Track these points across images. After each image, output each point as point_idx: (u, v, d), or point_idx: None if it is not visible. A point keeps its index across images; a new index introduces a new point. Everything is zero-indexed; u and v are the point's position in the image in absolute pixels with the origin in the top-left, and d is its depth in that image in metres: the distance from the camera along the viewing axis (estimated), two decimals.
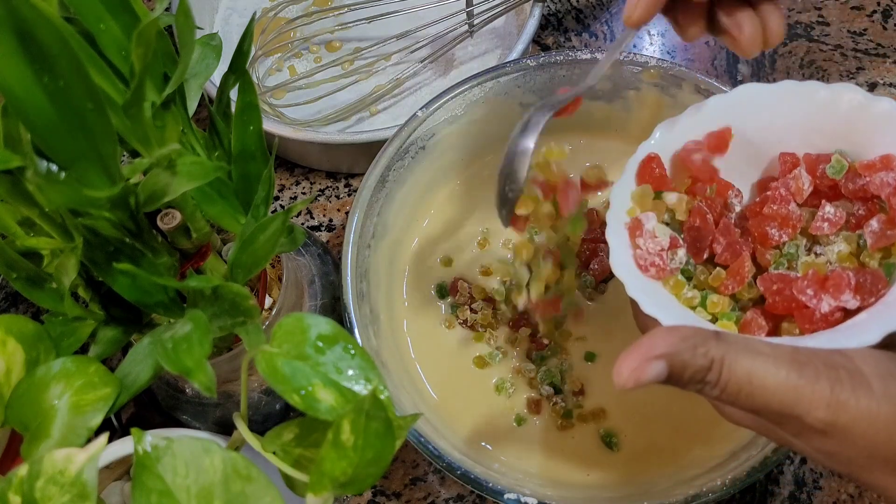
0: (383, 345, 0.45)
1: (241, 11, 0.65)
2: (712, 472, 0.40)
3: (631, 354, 0.27)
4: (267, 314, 0.41)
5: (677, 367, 0.27)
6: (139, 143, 0.29)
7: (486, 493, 0.39)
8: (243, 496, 0.26)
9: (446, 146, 0.50)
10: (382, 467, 0.26)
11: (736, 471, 0.39)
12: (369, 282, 0.46)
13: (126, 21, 0.29)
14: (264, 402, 0.45)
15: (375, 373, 0.28)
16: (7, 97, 0.24)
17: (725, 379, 0.27)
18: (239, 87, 0.35)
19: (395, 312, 0.49)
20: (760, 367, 0.26)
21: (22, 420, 0.29)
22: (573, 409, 0.46)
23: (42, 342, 0.31)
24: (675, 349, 0.27)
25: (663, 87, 0.48)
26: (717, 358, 0.27)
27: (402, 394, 0.43)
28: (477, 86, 0.48)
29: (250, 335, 0.30)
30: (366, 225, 0.46)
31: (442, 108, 0.48)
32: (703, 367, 0.27)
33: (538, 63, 0.48)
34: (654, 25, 0.64)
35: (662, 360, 0.27)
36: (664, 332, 0.27)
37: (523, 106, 0.51)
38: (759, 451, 0.39)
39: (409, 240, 0.51)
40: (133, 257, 0.32)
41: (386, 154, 0.47)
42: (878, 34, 0.62)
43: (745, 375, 0.27)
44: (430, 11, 0.57)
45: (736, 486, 0.38)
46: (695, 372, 0.27)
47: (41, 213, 0.30)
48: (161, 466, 0.26)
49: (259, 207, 0.35)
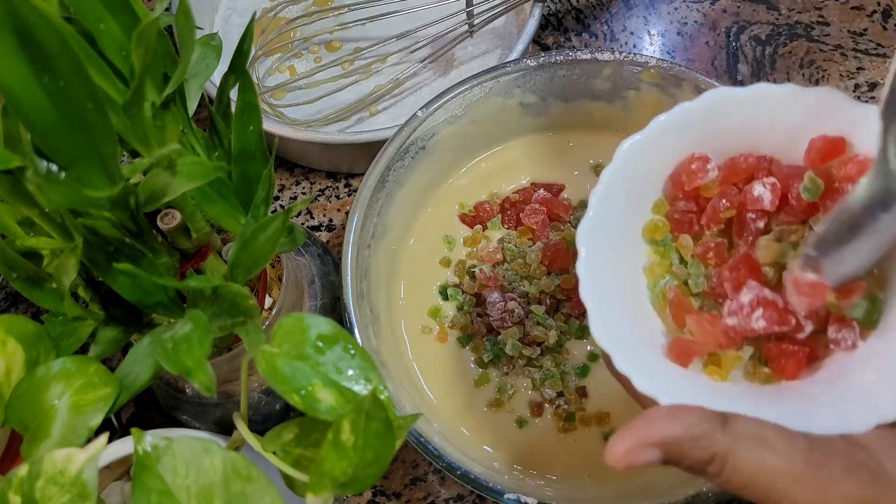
0: (383, 345, 0.45)
1: (241, 11, 0.65)
2: None
3: (625, 436, 0.25)
4: (267, 314, 0.41)
5: (674, 455, 0.25)
6: (139, 143, 0.29)
7: (486, 494, 0.39)
8: (243, 496, 0.26)
9: (446, 146, 0.50)
10: (382, 467, 0.26)
11: None
12: (369, 282, 0.46)
13: (126, 21, 0.29)
14: (264, 402, 0.45)
15: (375, 373, 0.28)
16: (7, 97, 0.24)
17: (728, 475, 0.25)
18: (239, 87, 0.35)
19: (394, 313, 0.49)
20: (770, 468, 0.24)
21: (22, 420, 0.29)
22: (575, 412, 0.45)
23: (42, 342, 0.31)
24: (673, 438, 0.25)
25: (663, 87, 0.48)
26: (720, 453, 0.25)
27: (402, 394, 0.43)
28: (477, 86, 0.48)
29: (250, 335, 0.30)
30: (366, 225, 0.46)
31: (442, 108, 0.48)
32: (702, 460, 0.25)
33: (538, 63, 0.48)
34: (655, 25, 0.64)
35: (658, 448, 0.25)
36: (664, 417, 0.26)
37: (523, 106, 0.51)
38: None
39: (409, 240, 0.51)
40: (133, 257, 0.31)
41: (386, 154, 0.47)
42: (878, 34, 0.62)
43: (750, 476, 0.25)
44: (430, 11, 0.57)
45: None
46: (693, 462, 0.25)
47: (41, 213, 0.30)
48: (161, 466, 0.26)
49: (259, 207, 0.35)
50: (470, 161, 0.53)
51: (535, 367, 0.46)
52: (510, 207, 0.51)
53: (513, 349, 0.46)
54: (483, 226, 0.51)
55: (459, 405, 0.46)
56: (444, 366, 0.47)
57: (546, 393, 0.46)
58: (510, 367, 0.47)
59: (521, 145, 0.53)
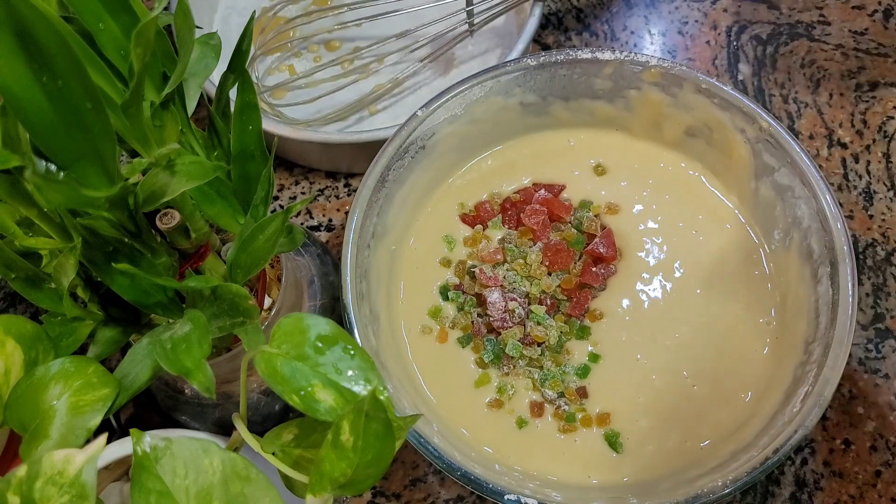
0: (383, 345, 0.45)
1: (241, 10, 0.65)
2: (714, 473, 0.40)
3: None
4: (266, 314, 0.41)
5: None
6: (138, 142, 0.29)
7: (486, 494, 0.39)
8: (242, 497, 0.26)
9: (446, 146, 0.50)
10: (382, 468, 0.26)
11: (737, 471, 0.39)
12: (369, 282, 0.46)
13: (125, 20, 0.29)
14: (263, 403, 0.45)
15: (375, 373, 0.28)
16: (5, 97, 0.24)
17: None
18: (238, 87, 0.35)
19: (394, 313, 0.49)
20: None
21: (21, 420, 0.29)
22: (576, 413, 0.45)
23: (41, 342, 0.31)
24: None
25: (664, 86, 0.48)
26: None
27: (402, 395, 0.43)
28: (477, 85, 0.48)
29: (249, 335, 0.30)
30: (365, 224, 0.46)
31: (442, 107, 0.48)
32: None
33: (539, 62, 0.48)
34: (655, 24, 0.64)
35: None
36: None
37: (524, 105, 0.50)
38: (759, 451, 0.39)
39: (409, 239, 0.51)
40: (132, 257, 0.31)
41: (386, 153, 0.47)
42: (879, 34, 0.62)
43: None
44: (429, 11, 0.57)
45: (737, 487, 0.38)
46: None
47: (40, 213, 0.30)
48: (160, 467, 0.26)
49: (258, 207, 0.35)
50: (470, 161, 0.52)
51: (536, 367, 0.46)
52: (511, 207, 0.51)
53: (513, 349, 0.46)
54: (483, 225, 0.51)
55: (459, 406, 0.46)
56: (444, 366, 0.47)
57: (546, 394, 0.46)
58: (510, 367, 0.47)
59: (521, 145, 0.53)
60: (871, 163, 0.58)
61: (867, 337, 0.53)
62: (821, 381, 0.40)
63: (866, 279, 0.54)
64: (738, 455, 0.40)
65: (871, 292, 0.54)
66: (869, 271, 0.54)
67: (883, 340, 0.52)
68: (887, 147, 0.59)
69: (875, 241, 0.55)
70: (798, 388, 0.41)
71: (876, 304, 0.53)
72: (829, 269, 0.43)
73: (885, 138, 0.59)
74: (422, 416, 0.36)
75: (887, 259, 0.55)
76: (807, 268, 0.45)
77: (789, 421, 0.40)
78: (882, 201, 0.57)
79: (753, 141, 0.47)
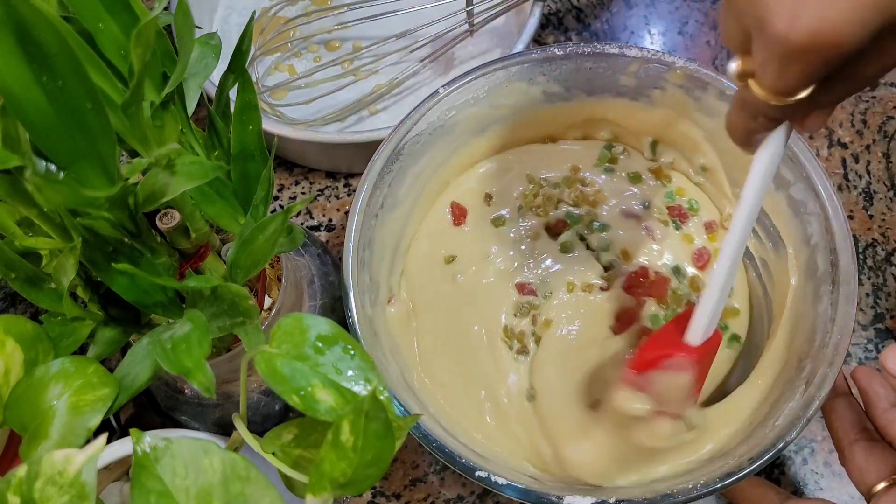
0: (378, 314, 0.45)
1: (240, 10, 0.65)
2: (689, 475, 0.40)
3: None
4: (266, 314, 0.41)
5: None
6: (138, 142, 0.29)
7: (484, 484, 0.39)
8: (242, 497, 0.26)
9: (466, 127, 0.49)
10: (382, 468, 0.26)
11: (710, 475, 0.38)
12: (372, 251, 0.46)
13: (125, 20, 0.29)
14: (263, 403, 0.45)
15: (375, 373, 0.28)
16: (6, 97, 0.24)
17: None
18: (238, 87, 0.35)
19: (395, 286, 0.49)
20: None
21: (21, 421, 0.29)
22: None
23: (41, 342, 0.31)
24: None
25: (688, 89, 0.47)
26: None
27: (390, 365, 0.43)
28: (502, 69, 0.48)
29: (249, 335, 0.30)
30: (365, 225, 0.46)
31: (464, 87, 0.47)
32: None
33: (565, 52, 0.48)
34: (655, 24, 0.64)
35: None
36: None
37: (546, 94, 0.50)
38: (735, 459, 0.39)
39: (408, 239, 0.51)
40: (132, 257, 0.31)
41: (382, 154, 0.47)
42: None
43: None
44: (429, 11, 0.57)
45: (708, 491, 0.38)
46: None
47: (40, 213, 0.30)
48: (160, 467, 0.26)
49: (258, 207, 0.35)
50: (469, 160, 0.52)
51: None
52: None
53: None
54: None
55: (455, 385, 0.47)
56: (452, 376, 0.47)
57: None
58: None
59: (539, 133, 0.53)
60: (871, 163, 0.58)
61: (867, 337, 0.53)
62: (805, 397, 0.39)
63: (866, 279, 0.54)
64: (715, 460, 0.40)
65: (871, 292, 0.54)
66: (869, 271, 0.54)
67: (883, 340, 0.52)
68: (887, 147, 0.59)
69: (875, 241, 0.55)
70: (783, 403, 0.40)
71: (876, 304, 0.53)
72: (830, 287, 0.42)
73: (885, 138, 0.59)
74: (422, 415, 0.36)
75: (887, 259, 0.55)
76: (809, 285, 0.44)
77: (769, 433, 0.39)
78: (882, 201, 0.57)
79: None
